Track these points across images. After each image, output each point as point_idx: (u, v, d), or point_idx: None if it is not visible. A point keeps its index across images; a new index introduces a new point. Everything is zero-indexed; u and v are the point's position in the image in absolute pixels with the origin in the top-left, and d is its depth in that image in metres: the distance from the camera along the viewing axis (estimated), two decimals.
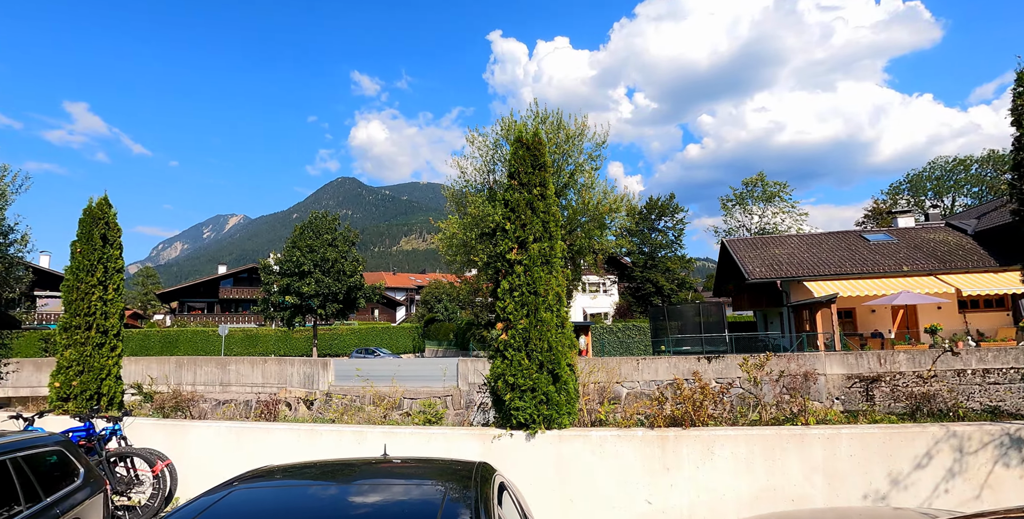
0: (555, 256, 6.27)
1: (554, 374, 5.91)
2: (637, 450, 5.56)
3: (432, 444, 6.25)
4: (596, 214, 33.54)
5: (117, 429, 6.98)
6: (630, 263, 47.71)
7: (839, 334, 22.10)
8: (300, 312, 31.86)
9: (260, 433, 7.32)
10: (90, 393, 9.47)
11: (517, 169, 6.48)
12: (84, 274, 9.78)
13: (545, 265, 6.19)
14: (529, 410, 5.80)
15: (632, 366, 20.80)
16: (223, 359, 28.18)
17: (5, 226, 13.21)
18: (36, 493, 4.48)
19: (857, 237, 30.24)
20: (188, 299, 68.73)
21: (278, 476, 2.93)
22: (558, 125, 33.81)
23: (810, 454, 5.28)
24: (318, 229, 33.08)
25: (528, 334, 5.93)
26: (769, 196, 47.84)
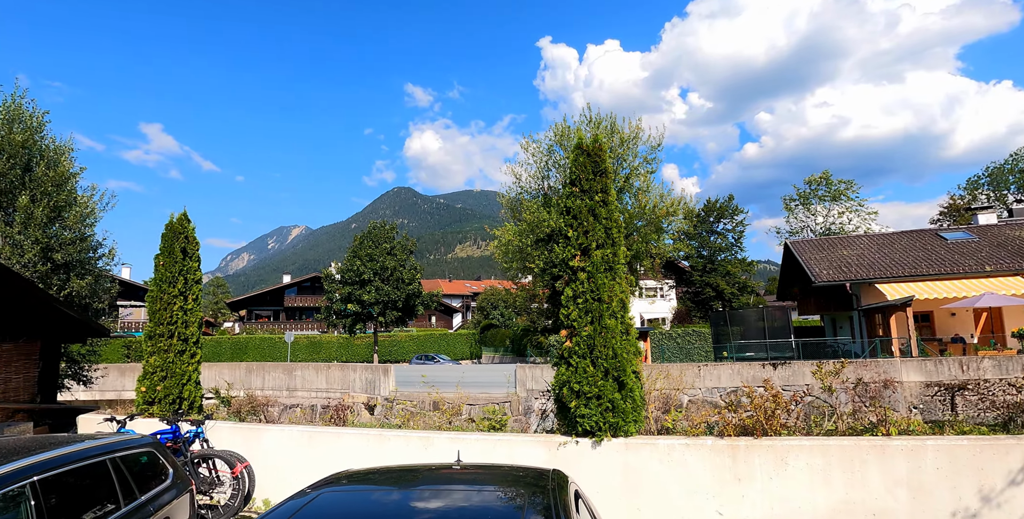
0: (618, 262, 6.23)
1: (619, 381, 5.87)
2: (706, 459, 5.44)
3: (498, 450, 6.31)
4: (653, 218, 33.05)
5: (200, 432, 7.37)
6: (688, 267, 46.71)
7: (916, 339, 20.93)
8: (361, 319, 32.72)
9: (330, 437, 7.57)
10: (172, 397, 10.03)
11: (578, 176, 6.49)
12: (166, 285, 10.39)
13: (608, 271, 6.16)
14: (595, 417, 5.77)
15: (694, 373, 20.34)
16: (289, 365, 29.26)
17: (94, 241, 14.16)
18: (132, 491, 4.77)
19: (933, 236, 28.63)
20: (255, 307, 71.68)
21: (362, 480, 3.04)
22: (612, 129, 33.57)
23: (892, 467, 5.04)
24: (377, 238, 33.92)
25: (593, 341, 5.91)
26: (835, 195, 45.87)
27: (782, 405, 5.38)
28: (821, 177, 46.86)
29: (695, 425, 5.86)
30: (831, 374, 5.89)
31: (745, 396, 5.68)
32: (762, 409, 5.37)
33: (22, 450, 4.20)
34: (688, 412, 6.36)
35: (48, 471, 3.89)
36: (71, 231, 13.55)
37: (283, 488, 7.77)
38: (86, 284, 13.28)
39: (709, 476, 5.43)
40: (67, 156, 14.54)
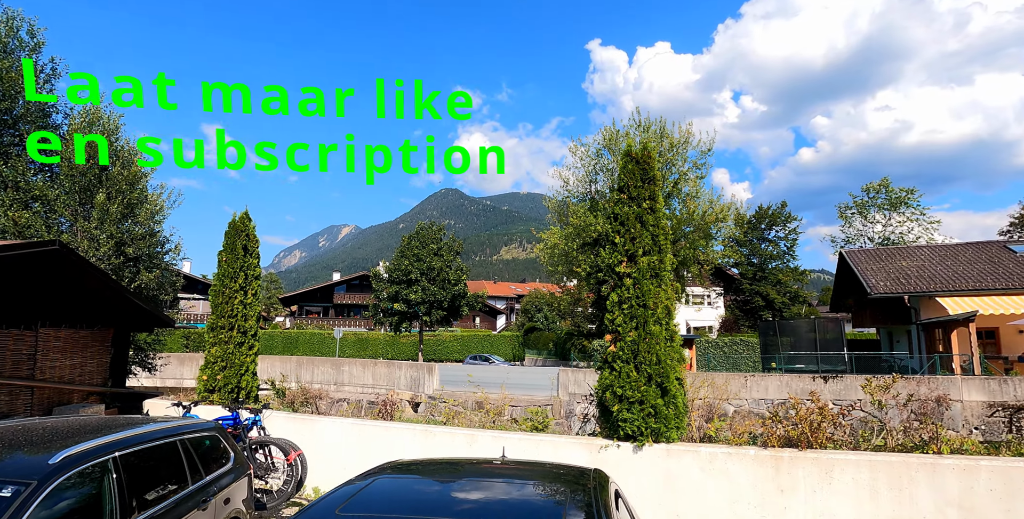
0: (664, 269, 6.29)
1: (663, 387, 5.93)
2: (748, 469, 5.44)
3: (540, 450, 6.44)
4: (701, 224, 32.55)
5: (258, 420, 7.78)
6: (737, 275, 45.70)
7: (979, 356, 19.97)
8: (407, 318, 33.38)
9: (379, 431, 7.86)
10: (231, 386, 10.58)
11: (626, 183, 6.58)
12: (228, 280, 10.96)
13: (654, 278, 6.23)
14: (637, 422, 5.85)
15: (740, 383, 19.97)
16: (337, 360, 30.10)
17: (162, 237, 15.01)
18: (198, 471, 5.13)
19: (1001, 248, 27.21)
20: (306, 303, 73.84)
21: (411, 470, 3.23)
22: (661, 133, 33.23)
23: (942, 486, 4.93)
24: (424, 239, 34.55)
25: (637, 346, 5.99)
26: (894, 203, 44.02)
27: (828, 418, 5.33)
28: (880, 184, 45.09)
29: (738, 435, 5.85)
30: (881, 389, 5.79)
31: (791, 408, 5.65)
32: (807, 421, 5.33)
33: (105, 428, 4.60)
34: (732, 422, 6.35)
35: (127, 448, 4.25)
36: (142, 227, 14.42)
37: (333, 476, 8.10)
38: (154, 277, 14.10)
39: (751, 486, 5.42)
40: (139, 156, 15.47)
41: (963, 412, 17.78)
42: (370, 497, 2.65)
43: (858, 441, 5.65)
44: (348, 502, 2.58)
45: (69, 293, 10.59)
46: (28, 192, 13.85)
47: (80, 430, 4.57)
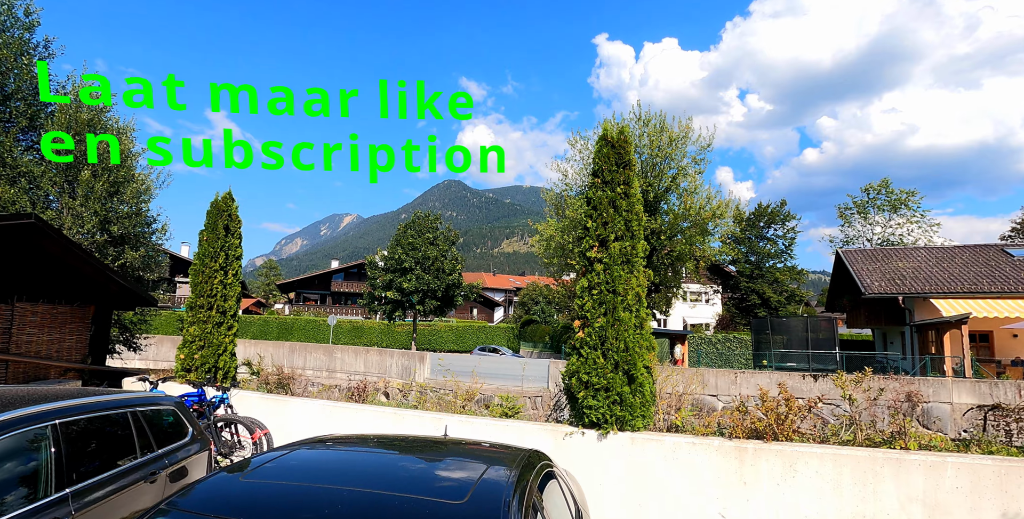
0: (636, 256, 6.15)
1: (630, 375, 5.81)
2: (712, 460, 5.33)
3: (506, 435, 6.34)
4: (699, 220, 32.35)
5: (225, 398, 7.68)
6: (735, 272, 45.55)
7: (971, 359, 19.84)
8: (400, 307, 33.28)
9: (349, 413, 7.76)
10: (208, 366, 10.49)
11: (601, 167, 6.43)
12: (208, 260, 10.84)
13: (625, 264, 6.09)
14: (602, 409, 5.73)
15: (730, 379, 19.89)
16: (330, 347, 30.08)
17: (149, 216, 14.89)
18: (150, 444, 5.04)
19: (998, 251, 27.03)
20: (304, 290, 73.87)
21: (339, 442, 3.13)
22: (661, 128, 32.99)
23: (908, 482, 4.82)
24: (420, 228, 34.39)
25: (604, 333, 5.87)
26: (894, 205, 43.75)
27: (795, 410, 5.21)
28: (880, 185, 44.80)
29: (707, 425, 5.74)
30: (853, 382, 5.66)
31: (760, 398, 5.53)
32: (774, 413, 5.21)
33: (50, 397, 4.50)
34: (701, 413, 6.24)
35: (70, 416, 4.18)
36: (128, 206, 14.30)
37: None
38: (139, 256, 13.98)
39: (714, 477, 5.31)
40: (128, 136, 15.33)
41: (952, 414, 17.68)
42: (279, 466, 2.55)
43: (827, 435, 5.53)
44: (255, 470, 2.48)
45: (47, 268, 10.49)
46: (15, 168, 13.72)
47: (24, 398, 4.48)
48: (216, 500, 2.20)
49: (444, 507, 2.09)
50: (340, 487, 2.31)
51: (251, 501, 2.22)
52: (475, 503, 2.13)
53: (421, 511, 2.06)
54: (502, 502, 2.13)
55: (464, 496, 2.18)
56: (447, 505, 2.10)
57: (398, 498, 2.16)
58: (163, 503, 2.16)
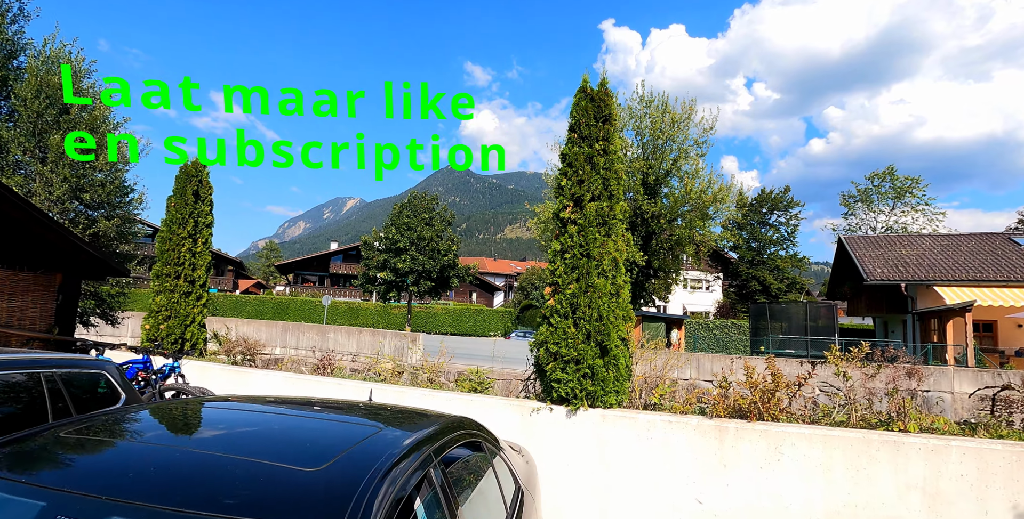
0: (614, 218, 5.59)
1: (603, 346, 5.27)
2: (690, 440, 4.81)
3: (469, 410, 5.83)
4: (699, 204, 31.65)
5: (176, 367, 7.19)
6: (735, 259, 44.92)
7: (974, 348, 19.31)
8: (394, 287, 32.82)
9: (312, 385, 7.28)
10: (175, 337, 10.00)
11: (578, 121, 5.84)
12: (176, 226, 10.31)
13: (602, 226, 5.53)
14: (571, 384, 5.21)
15: (725, 364, 19.41)
16: (323, 327, 29.70)
17: (125, 185, 14.33)
18: (68, 409, 4.55)
19: (1005, 240, 26.37)
20: (302, 272, 73.54)
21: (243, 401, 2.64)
22: (664, 109, 32.21)
23: (906, 467, 4.29)
24: (416, 208, 33.82)
25: (576, 300, 5.32)
26: (899, 193, 42.90)
27: (783, 386, 4.67)
28: (885, 172, 43.93)
29: (686, 402, 5.21)
30: (848, 360, 5.12)
31: (742, 374, 4.99)
32: (759, 389, 4.68)
33: None
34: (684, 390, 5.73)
35: None
36: (102, 173, 13.74)
37: None
38: (112, 225, 13.45)
39: (691, 459, 4.80)
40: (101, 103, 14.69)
41: (954, 404, 17.20)
42: (129, 421, 2.06)
43: (818, 416, 5.00)
44: (92, 425, 1.99)
45: (7, 233, 9.97)
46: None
47: None
48: (16, 456, 1.71)
49: (292, 474, 1.59)
50: (179, 447, 1.84)
51: (49, 459, 1.73)
52: (334, 470, 1.62)
53: (258, 477, 1.57)
54: (372, 470, 1.62)
55: (325, 462, 1.67)
56: (296, 472, 1.60)
57: (243, 463, 1.67)
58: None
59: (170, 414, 2.27)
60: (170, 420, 2.19)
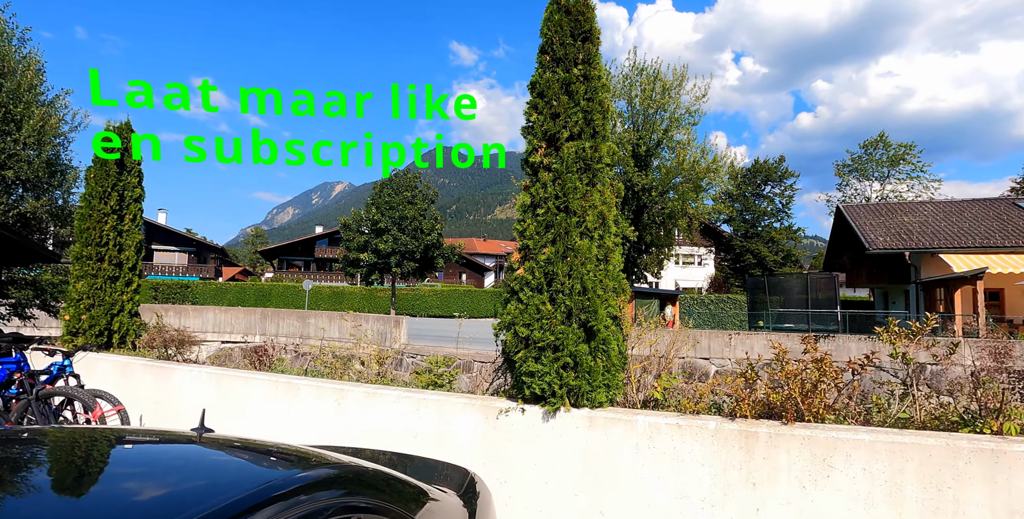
0: (600, 161, 4.30)
1: (588, 328, 4.03)
2: (706, 450, 3.60)
3: (421, 413, 4.60)
4: (692, 175, 30.39)
5: (67, 366, 5.90)
6: (728, 232, 43.79)
7: (985, 317, 18.33)
8: (377, 269, 31.47)
9: (239, 382, 6.03)
10: (99, 328, 8.69)
11: (550, 39, 4.50)
12: (96, 201, 8.90)
13: (584, 172, 4.24)
14: (548, 377, 3.97)
15: (723, 341, 18.35)
16: (304, 313, 28.44)
17: (60, 163, 12.84)
18: None
19: (1009, 205, 25.34)
20: (287, 257, 71.96)
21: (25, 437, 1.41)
22: (655, 76, 30.73)
23: (1010, 485, 3.10)
24: (398, 187, 32.32)
25: (552, 268, 4.05)
26: (893, 160, 41.70)
27: (831, 375, 3.46)
28: (877, 140, 42.75)
29: (697, 398, 3.99)
30: (906, 337, 3.91)
31: (774, 361, 3.77)
32: (797, 381, 3.46)
33: None
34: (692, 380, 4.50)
35: None
36: (30, 149, 12.24)
37: None
38: (42, 205, 12.01)
39: (709, 476, 3.60)
40: (33, 69, 13.14)
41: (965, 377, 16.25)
42: None
43: (871, 411, 3.82)
44: None
45: None
46: None
47: None
48: None
49: None
50: None
51: None
52: None
53: None
54: None
55: None
56: None
57: None
58: None
59: None
60: None
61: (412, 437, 4.61)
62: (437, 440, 4.49)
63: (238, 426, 5.95)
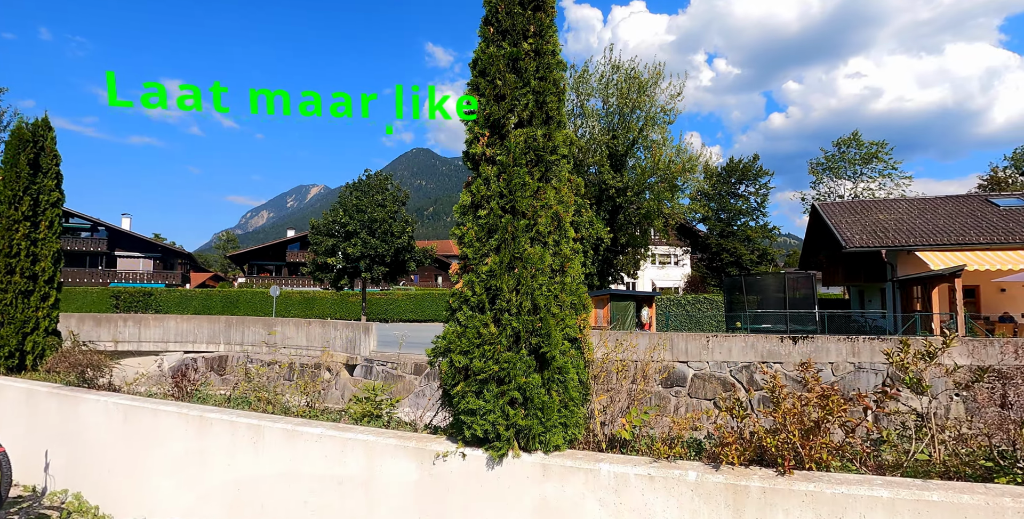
0: (554, 152, 3.59)
1: (540, 354, 3.30)
2: (684, 509, 2.90)
3: (347, 456, 3.83)
4: (667, 175, 30.01)
5: None
6: (704, 231, 43.59)
7: (964, 316, 18.08)
8: (346, 274, 30.47)
9: (147, 416, 5.19)
10: (9, 349, 7.75)
11: (495, 7, 3.77)
12: (5, 207, 7.96)
13: (535, 165, 3.53)
14: (492, 416, 3.24)
15: (701, 344, 17.80)
16: (270, 320, 27.37)
17: None
18: None
19: (983, 202, 25.34)
20: (259, 262, 70.32)
21: None
22: (633, 74, 30.32)
23: None
24: (366, 189, 31.36)
25: (496, 282, 3.32)
26: (866, 157, 41.99)
27: (837, 412, 2.79)
28: (850, 138, 43.09)
29: (671, 439, 3.29)
30: (920, 356, 3.27)
31: (766, 387, 3.09)
32: (797, 418, 2.78)
33: None
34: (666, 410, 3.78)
35: None
36: None
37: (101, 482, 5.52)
38: None
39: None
40: None
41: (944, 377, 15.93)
42: None
43: (879, 448, 3.17)
44: None
45: None
46: None
47: None
48: None
49: None
50: None
51: None
52: None
53: None
54: None
55: None
56: None
57: None
58: None
59: None
60: None
61: (336, 485, 3.84)
62: (365, 490, 3.73)
63: (139, 477, 5.10)
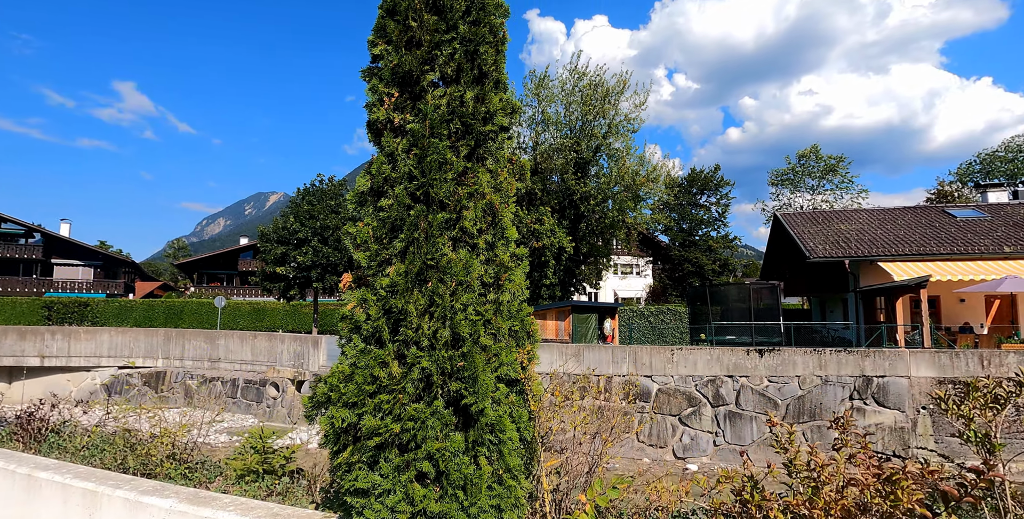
0: (490, 121, 2.60)
1: (463, 407, 2.29)
2: None
3: None
4: (631, 185, 29.53)
5: None
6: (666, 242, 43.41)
7: (930, 327, 17.82)
8: (296, 284, 28.90)
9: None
10: None
11: None
12: None
13: (461, 138, 2.53)
14: (390, 499, 2.20)
15: (666, 357, 17.06)
16: (213, 333, 25.64)
17: None
18: None
19: (940, 212, 25.53)
20: (209, 270, 67.39)
21: None
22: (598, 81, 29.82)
23: None
24: (321, 195, 29.94)
25: (400, 301, 2.30)
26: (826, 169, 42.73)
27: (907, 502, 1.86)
28: (811, 150, 43.80)
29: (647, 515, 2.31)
30: (982, 402, 2.39)
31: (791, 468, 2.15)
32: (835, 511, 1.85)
33: None
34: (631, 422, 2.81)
35: None
36: None
37: None
38: None
39: None
40: None
41: (911, 389, 15.56)
42: None
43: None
44: None
45: None
46: None
47: None
48: None
49: None
50: None
51: None
52: None
53: None
54: None
55: None
56: None
57: None
58: None
59: None
60: None
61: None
62: None
63: None
